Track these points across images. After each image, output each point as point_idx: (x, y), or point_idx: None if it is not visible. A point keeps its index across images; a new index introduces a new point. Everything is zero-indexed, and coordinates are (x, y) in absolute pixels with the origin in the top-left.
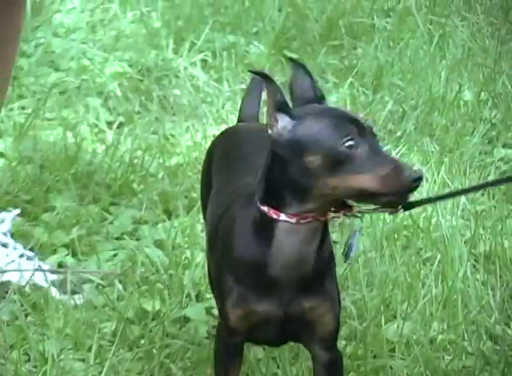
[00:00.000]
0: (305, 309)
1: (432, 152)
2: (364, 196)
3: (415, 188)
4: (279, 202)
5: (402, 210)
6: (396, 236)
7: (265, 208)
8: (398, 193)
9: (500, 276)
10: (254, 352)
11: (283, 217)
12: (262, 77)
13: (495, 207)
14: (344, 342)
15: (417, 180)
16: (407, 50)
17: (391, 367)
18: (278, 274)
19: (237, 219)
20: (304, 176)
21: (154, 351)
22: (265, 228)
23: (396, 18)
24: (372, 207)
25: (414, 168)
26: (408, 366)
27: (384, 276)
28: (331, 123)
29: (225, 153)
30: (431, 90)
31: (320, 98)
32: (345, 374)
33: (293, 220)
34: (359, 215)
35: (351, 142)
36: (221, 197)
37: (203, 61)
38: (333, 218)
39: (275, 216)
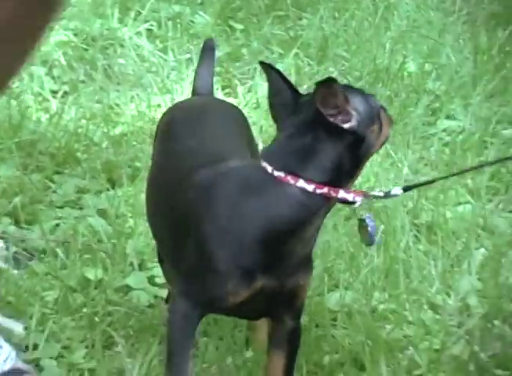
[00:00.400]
0: (298, 284)
1: None
2: None
3: None
4: (297, 167)
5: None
6: (339, 206)
7: (280, 173)
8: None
9: (442, 247)
10: None
11: (301, 183)
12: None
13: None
14: None
15: None
16: (352, 21)
17: (333, 336)
18: (288, 248)
19: (231, 189)
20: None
21: (96, 319)
22: (275, 196)
23: None
24: (381, 193)
25: None
26: (349, 335)
27: (327, 246)
28: (368, 97)
29: (180, 127)
30: (376, 61)
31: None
32: None
33: (311, 187)
34: (370, 198)
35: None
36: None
37: (149, 31)
38: (342, 197)
39: (292, 181)
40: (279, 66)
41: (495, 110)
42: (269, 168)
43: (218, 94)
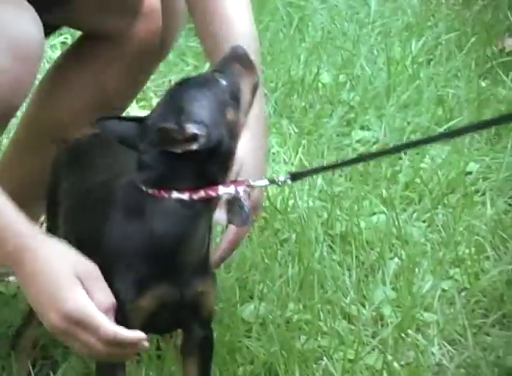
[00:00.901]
0: (198, 293)
1: (290, 134)
2: None
3: None
4: (167, 182)
5: (289, 180)
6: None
7: (152, 191)
8: None
9: (356, 257)
10: None
11: (175, 194)
12: None
13: (352, 188)
14: None
15: None
16: (267, 33)
17: (247, 347)
18: (179, 258)
19: (116, 211)
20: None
21: None
22: (154, 211)
23: (256, 1)
24: (264, 181)
25: None
26: (264, 346)
27: (242, 257)
28: (208, 91)
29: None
30: (290, 72)
31: None
32: None
33: (186, 196)
34: (249, 189)
35: None
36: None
37: (63, 43)
38: (224, 193)
39: (165, 195)
40: None
41: (408, 120)
42: (143, 187)
43: (134, 107)
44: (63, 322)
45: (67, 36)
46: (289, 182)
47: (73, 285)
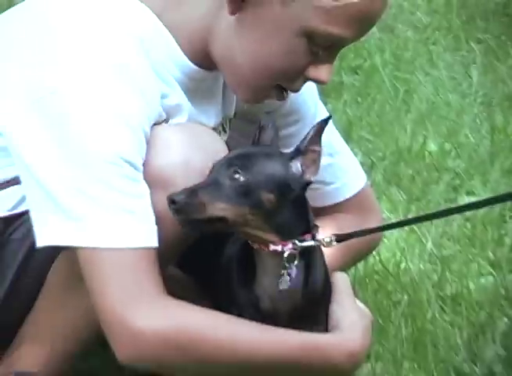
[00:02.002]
0: None
1: (400, 200)
2: None
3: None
4: None
5: (334, 242)
6: (367, 280)
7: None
8: None
9: (467, 317)
10: None
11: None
12: None
13: (460, 251)
14: None
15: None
16: (374, 105)
17: None
18: (266, 306)
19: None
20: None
21: None
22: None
23: (363, 75)
24: (310, 242)
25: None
26: None
27: None
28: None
29: None
30: (398, 142)
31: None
32: None
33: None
34: (297, 247)
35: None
36: None
37: None
38: (273, 250)
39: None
40: None
41: None
42: None
43: None
44: None
45: None
46: (334, 243)
47: None
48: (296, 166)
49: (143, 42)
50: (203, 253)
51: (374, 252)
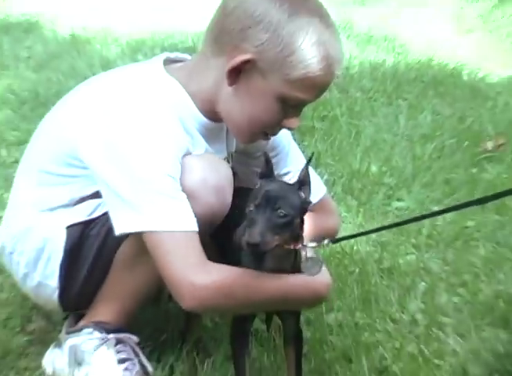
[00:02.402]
0: None
1: (353, 205)
2: None
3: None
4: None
5: (331, 243)
6: (332, 258)
7: None
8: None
9: (397, 282)
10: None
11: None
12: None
13: (393, 238)
14: None
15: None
16: (335, 142)
17: (330, 341)
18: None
19: None
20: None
21: None
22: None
23: (328, 122)
24: (313, 244)
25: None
26: (341, 340)
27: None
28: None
29: None
30: (351, 166)
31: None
32: None
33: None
34: (305, 246)
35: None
36: None
37: None
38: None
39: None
40: None
41: (427, 195)
42: None
43: None
44: None
45: None
46: (331, 244)
47: None
48: (301, 194)
49: (175, 107)
50: (223, 233)
51: None
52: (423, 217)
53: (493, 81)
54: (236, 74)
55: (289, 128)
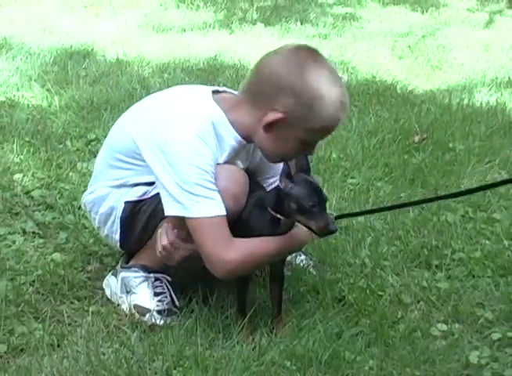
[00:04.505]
0: None
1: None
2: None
3: (331, 233)
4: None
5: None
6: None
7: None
8: (323, 235)
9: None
10: None
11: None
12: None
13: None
14: None
15: (334, 231)
16: None
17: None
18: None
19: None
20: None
21: None
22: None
23: None
24: None
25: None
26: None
27: None
28: (306, 192)
29: None
30: (318, 153)
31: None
32: None
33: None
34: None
35: (313, 205)
36: None
37: None
38: None
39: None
40: None
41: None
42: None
43: None
44: None
45: None
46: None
47: None
48: None
49: (214, 124)
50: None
51: None
52: (413, 203)
53: (419, 93)
54: (269, 125)
55: (308, 155)
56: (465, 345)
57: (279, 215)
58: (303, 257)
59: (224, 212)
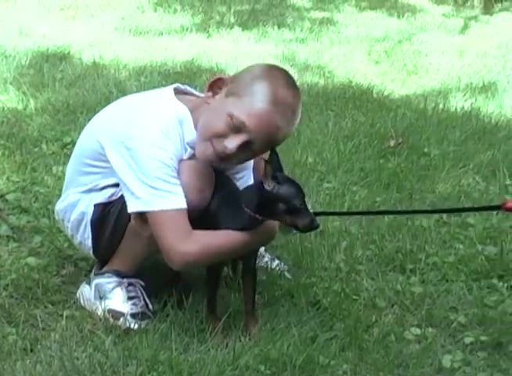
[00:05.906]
0: None
1: None
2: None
3: (315, 229)
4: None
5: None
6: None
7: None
8: (307, 231)
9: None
10: None
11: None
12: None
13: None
14: None
15: (318, 227)
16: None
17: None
18: None
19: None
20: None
21: None
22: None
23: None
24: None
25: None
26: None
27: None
28: (294, 191)
29: None
30: (294, 157)
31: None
32: None
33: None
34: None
35: (301, 204)
36: None
37: None
38: None
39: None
40: None
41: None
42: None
43: None
44: None
45: None
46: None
47: None
48: None
49: (180, 122)
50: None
51: None
52: (405, 212)
53: (394, 97)
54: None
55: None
56: (438, 349)
57: (257, 215)
58: (278, 261)
59: (184, 205)
